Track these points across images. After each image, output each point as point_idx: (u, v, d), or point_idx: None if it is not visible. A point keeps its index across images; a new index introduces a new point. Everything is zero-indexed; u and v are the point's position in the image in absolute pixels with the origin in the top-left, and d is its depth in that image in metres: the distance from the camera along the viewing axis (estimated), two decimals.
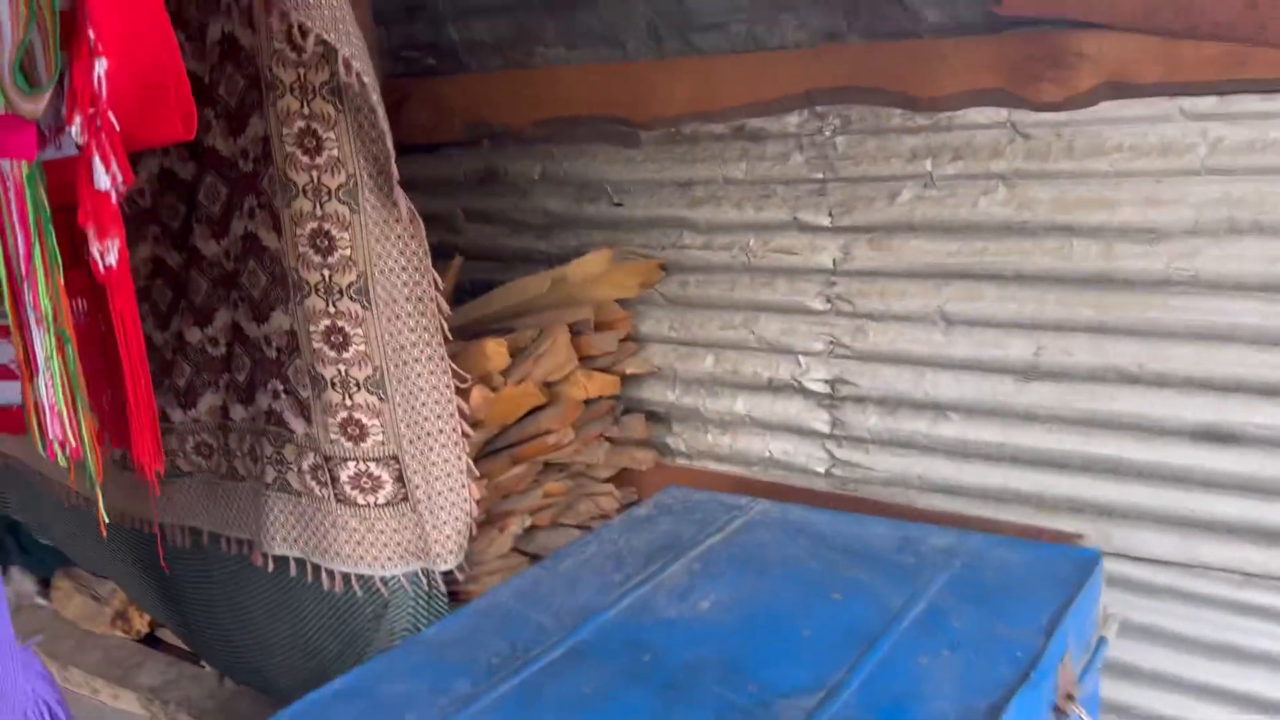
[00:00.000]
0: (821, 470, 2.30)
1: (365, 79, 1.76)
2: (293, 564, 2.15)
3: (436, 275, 1.95)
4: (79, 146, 1.37)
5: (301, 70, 1.84)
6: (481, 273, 2.61)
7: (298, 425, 2.05)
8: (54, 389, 1.41)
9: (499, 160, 2.66)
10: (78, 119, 1.35)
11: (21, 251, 1.36)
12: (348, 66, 1.73)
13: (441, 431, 2.01)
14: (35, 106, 1.31)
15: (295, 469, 2.09)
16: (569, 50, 2.47)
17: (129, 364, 1.47)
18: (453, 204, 2.79)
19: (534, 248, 2.66)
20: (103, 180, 1.37)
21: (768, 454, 2.37)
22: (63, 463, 1.43)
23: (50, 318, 1.39)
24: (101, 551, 2.61)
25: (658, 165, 2.38)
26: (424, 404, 2.00)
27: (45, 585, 3.19)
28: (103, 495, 1.42)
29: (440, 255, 2.04)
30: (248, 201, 2.03)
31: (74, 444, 1.42)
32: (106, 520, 1.44)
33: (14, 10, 1.29)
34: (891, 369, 2.17)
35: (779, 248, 2.25)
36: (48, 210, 1.38)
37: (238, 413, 2.19)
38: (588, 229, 2.54)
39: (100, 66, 1.35)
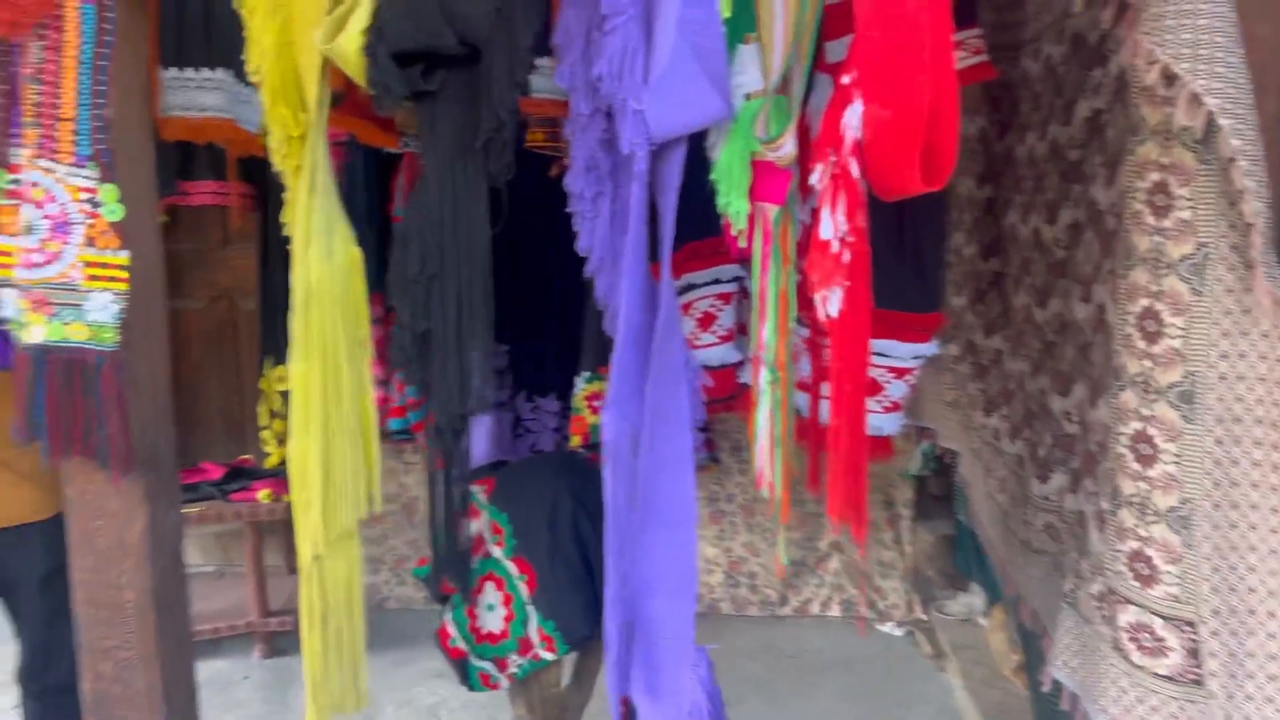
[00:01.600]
0: None
1: (1225, 121, 1.32)
2: (1065, 695, 1.81)
3: None
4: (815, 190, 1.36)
5: (1169, 110, 1.48)
6: None
7: (1094, 538, 1.70)
8: (766, 423, 1.45)
9: None
10: (819, 166, 1.34)
11: (758, 288, 1.43)
12: (1196, 103, 1.33)
13: (1271, 612, 1.43)
14: (779, 152, 1.34)
15: (1086, 589, 1.74)
16: None
17: (837, 412, 1.42)
18: None
19: None
20: (827, 229, 1.33)
21: None
22: (765, 494, 1.47)
23: (772, 355, 1.42)
24: None
25: None
26: (1248, 566, 1.44)
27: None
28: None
29: None
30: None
31: (769, 479, 1.44)
32: (784, 561, 1.42)
33: (783, 36, 1.34)
34: None
35: None
36: (786, 253, 1.41)
37: (1034, 488, 1.92)
38: None
39: (854, 112, 1.31)
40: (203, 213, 3.76)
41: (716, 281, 2.03)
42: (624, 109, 1.34)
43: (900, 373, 1.85)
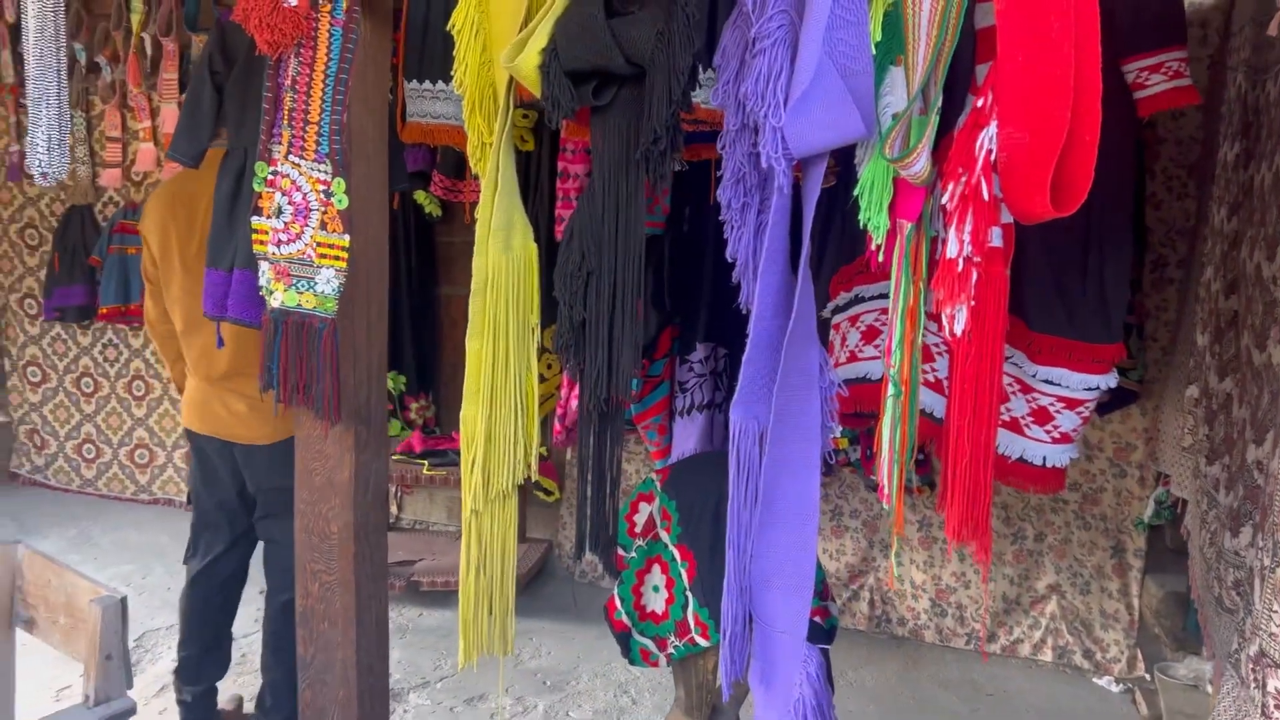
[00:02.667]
0: None
1: None
2: None
3: None
4: (943, 209, 1.37)
5: None
6: None
7: (1256, 596, 1.57)
8: (889, 436, 1.48)
9: None
10: (950, 185, 1.36)
11: (890, 303, 1.46)
12: None
13: None
14: (910, 171, 1.37)
15: (1246, 650, 1.60)
16: None
17: (959, 431, 1.42)
18: None
19: None
20: (953, 248, 1.35)
21: None
22: (885, 507, 1.50)
23: (898, 368, 1.45)
24: None
25: None
26: None
27: None
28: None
29: None
30: None
31: (887, 491, 1.47)
32: (897, 574, 1.45)
33: (924, 58, 1.36)
34: None
35: None
36: (918, 269, 1.43)
37: (1227, 542, 1.77)
38: None
39: (989, 134, 1.33)
40: (474, 208, 4.18)
41: (883, 296, 2.04)
42: (765, 126, 1.43)
43: (1072, 404, 1.78)
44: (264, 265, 1.83)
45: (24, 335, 5.15)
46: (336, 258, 1.76)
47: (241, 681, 3.38)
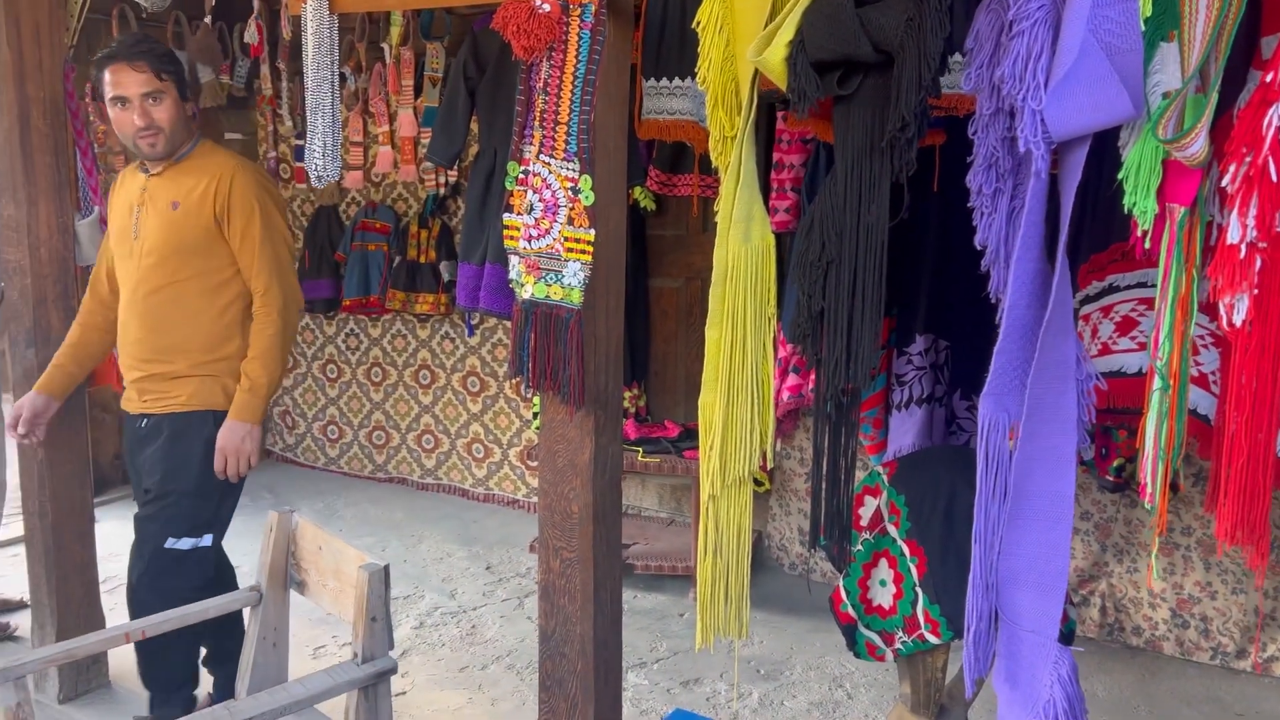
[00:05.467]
0: None
1: None
2: None
3: None
4: (1223, 191, 1.29)
5: None
6: None
7: None
8: (1154, 432, 1.41)
9: None
10: (1232, 167, 1.28)
11: (1159, 291, 1.38)
12: None
13: None
14: (1186, 152, 1.29)
15: None
16: None
17: (1237, 428, 1.34)
18: None
19: None
20: (1234, 233, 1.27)
21: None
22: (1148, 507, 1.43)
23: (1165, 361, 1.38)
24: None
25: None
26: None
27: None
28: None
29: None
30: None
31: (1150, 491, 1.40)
32: (1156, 583, 1.38)
33: (1203, 33, 1.28)
34: None
35: None
36: (1190, 256, 1.35)
37: None
38: None
39: (1277, 111, 1.24)
40: (685, 202, 4.25)
41: (1142, 285, 1.93)
42: (1024, 109, 1.39)
43: None
44: (514, 259, 1.94)
45: None
46: (583, 251, 1.85)
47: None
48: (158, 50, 2.51)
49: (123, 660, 3.02)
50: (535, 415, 4.62)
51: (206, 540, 2.67)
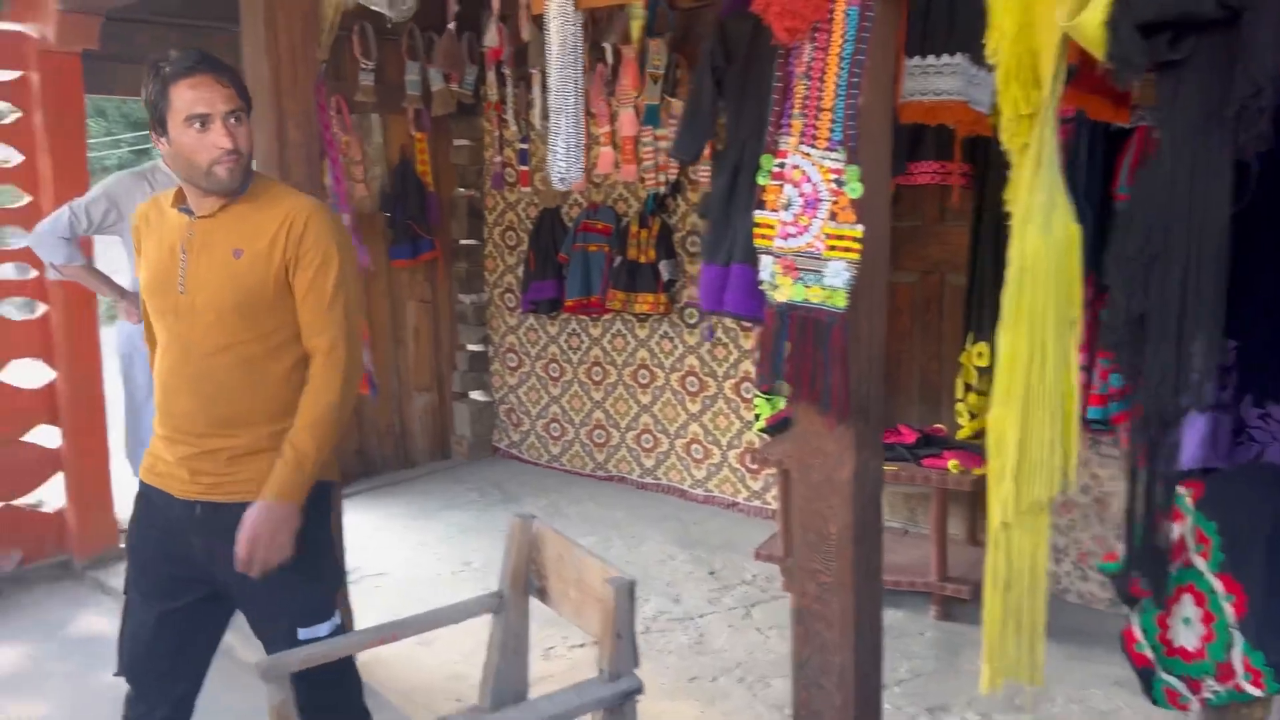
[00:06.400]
0: None
1: None
2: None
3: None
4: None
5: None
6: None
7: None
8: None
9: None
10: None
11: None
12: None
13: None
14: None
15: None
16: None
17: None
18: None
19: None
20: None
21: None
22: None
23: None
24: None
25: None
26: None
27: None
28: None
29: None
30: None
31: None
32: None
33: None
34: None
35: None
36: None
37: None
38: None
39: None
40: (922, 191, 3.98)
41: None
42: None
43: None
44: (767, 260, 1.80)
45: (504, 325, 5.80)
46: (847, 249, 1.69)
47: None
48: (229, 65, 2.17)
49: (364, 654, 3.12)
50: (758, 417, 4.48)
51: (338, 618, 2.32)
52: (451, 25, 4.47)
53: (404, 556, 4.52)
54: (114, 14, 3.96)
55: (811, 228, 1.71)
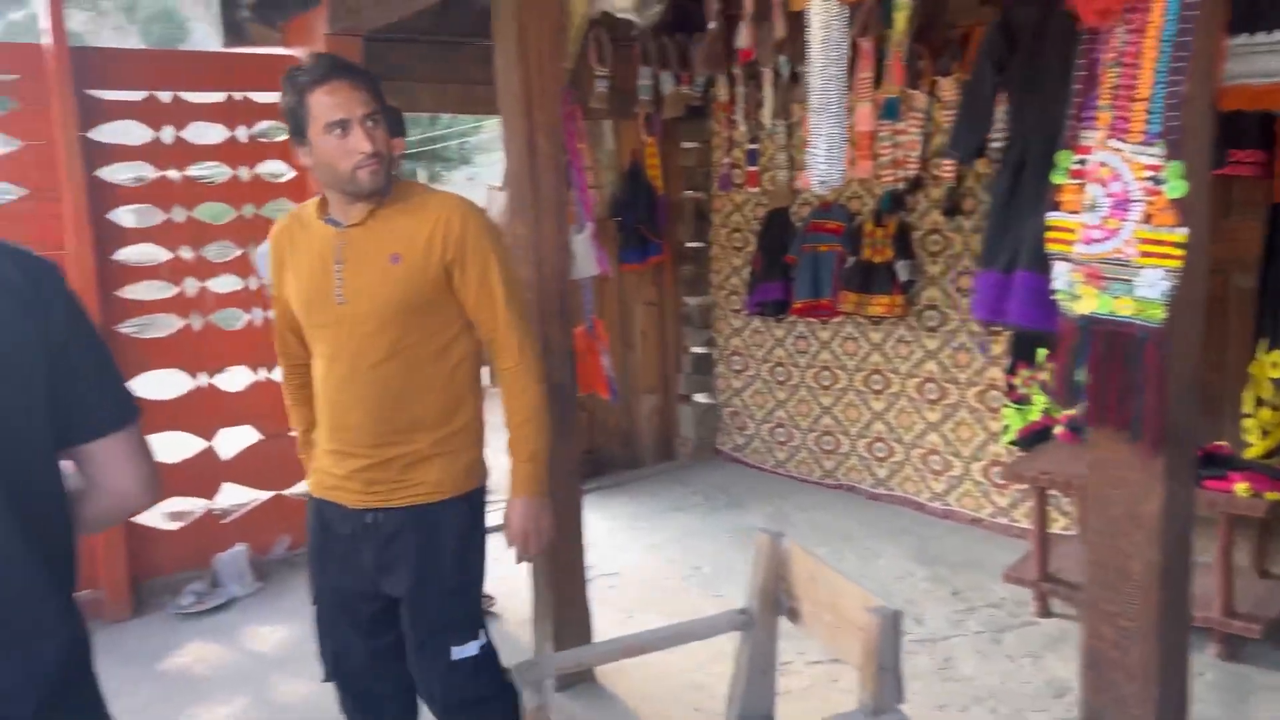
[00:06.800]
0: None
1: None
2: None
3: None
4: None
5: None
6: None
7: None
8: None
9: None
10: None
11: None
12: None
13: None
14: None
15: None
16: None
17: None
18: None
19: None
20: None
21: None
22: None
23: None
24: None
25: None
26: None
27: None
28: None
29: None
30: None
31: None
32: None
33: None
34: None
35: None
36: None
37: None
38: None
39: None
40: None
41: None
42: None
43: None
44: (1063, 267, 1.63)
45: (729, 328, 5.74)
46: (1165, 255, 1.49)
47: None
48: (363, 68, 2.17)
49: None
50: (1006, 429, 4.19)
51: (484, 638, 2.32)
52: (712, 24, 4.35)
53: (634, 558, 4.54)
54: (372, 35, 4.20)
55: (1121, 231, 1.53)
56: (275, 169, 4.63)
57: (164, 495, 3.99)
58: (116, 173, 4.26)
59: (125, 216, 4.40)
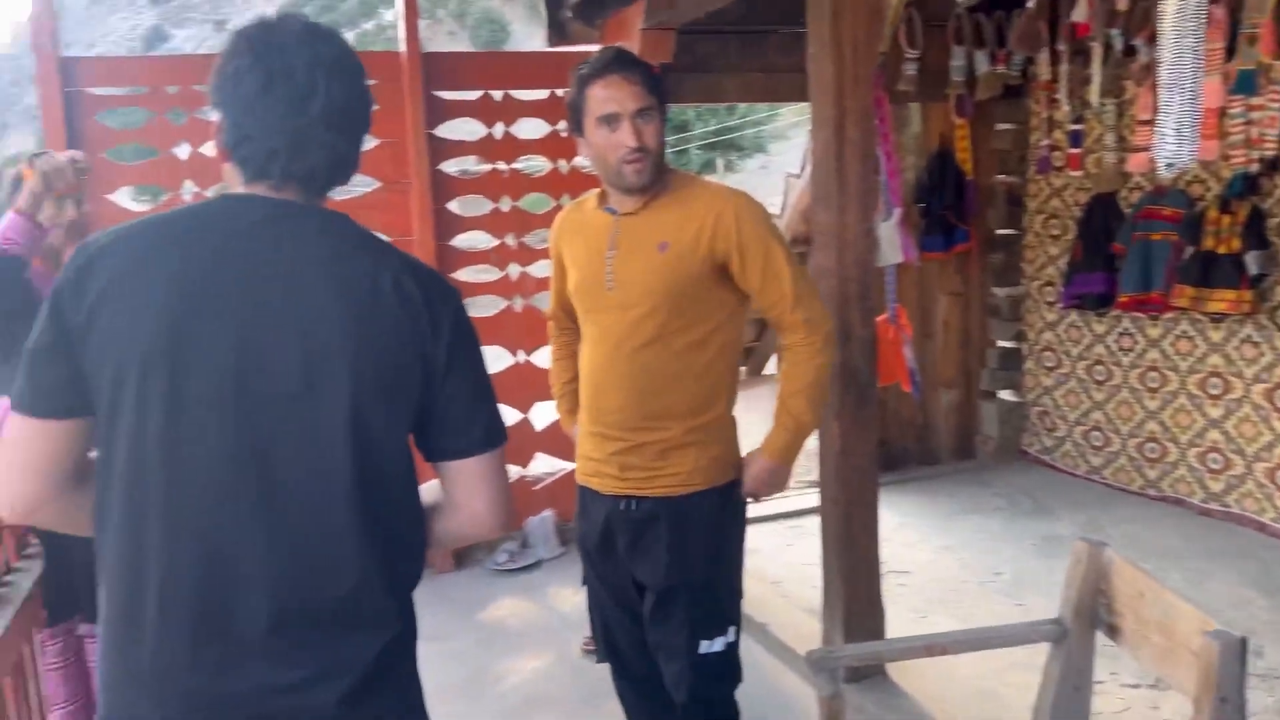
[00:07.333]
0: None
1: None
2: None
3: None
4: None
5: None
6: None
7: None
8: None
9: None
10: None
11: None
12: None
13: None
14: None
15: None
16: None
17: None
18: None
19: None
20: None
21: None
22: None
23: None
24: None
25: None
26: None
27: None
28: None
29: None
30: None
31: None
32: None
33: None
34: None
35: None
36: None
37: None
38: None
39: None
40: None
41: None
42: None
43: None
44: None
45: (1042, 321, 5.38)
46: None
47: None
48: (642, 63, 2.19)
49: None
50: None
51: (733, 635, 2.31)
52: (1031, 3, 4.10)
53: (928, 558, 4.40)
54: (684, 28, 4.32)
55: None
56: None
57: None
58: (451, 166, 4.70)
59: (454, 206, 4.85)
